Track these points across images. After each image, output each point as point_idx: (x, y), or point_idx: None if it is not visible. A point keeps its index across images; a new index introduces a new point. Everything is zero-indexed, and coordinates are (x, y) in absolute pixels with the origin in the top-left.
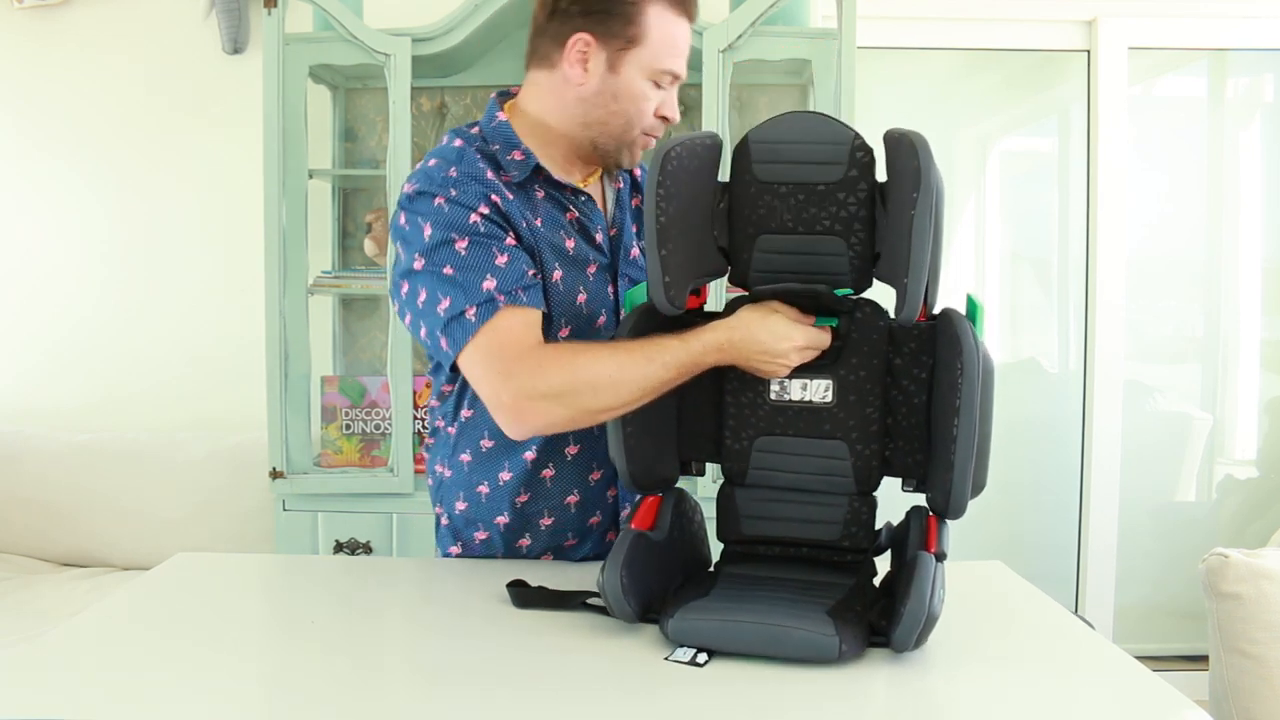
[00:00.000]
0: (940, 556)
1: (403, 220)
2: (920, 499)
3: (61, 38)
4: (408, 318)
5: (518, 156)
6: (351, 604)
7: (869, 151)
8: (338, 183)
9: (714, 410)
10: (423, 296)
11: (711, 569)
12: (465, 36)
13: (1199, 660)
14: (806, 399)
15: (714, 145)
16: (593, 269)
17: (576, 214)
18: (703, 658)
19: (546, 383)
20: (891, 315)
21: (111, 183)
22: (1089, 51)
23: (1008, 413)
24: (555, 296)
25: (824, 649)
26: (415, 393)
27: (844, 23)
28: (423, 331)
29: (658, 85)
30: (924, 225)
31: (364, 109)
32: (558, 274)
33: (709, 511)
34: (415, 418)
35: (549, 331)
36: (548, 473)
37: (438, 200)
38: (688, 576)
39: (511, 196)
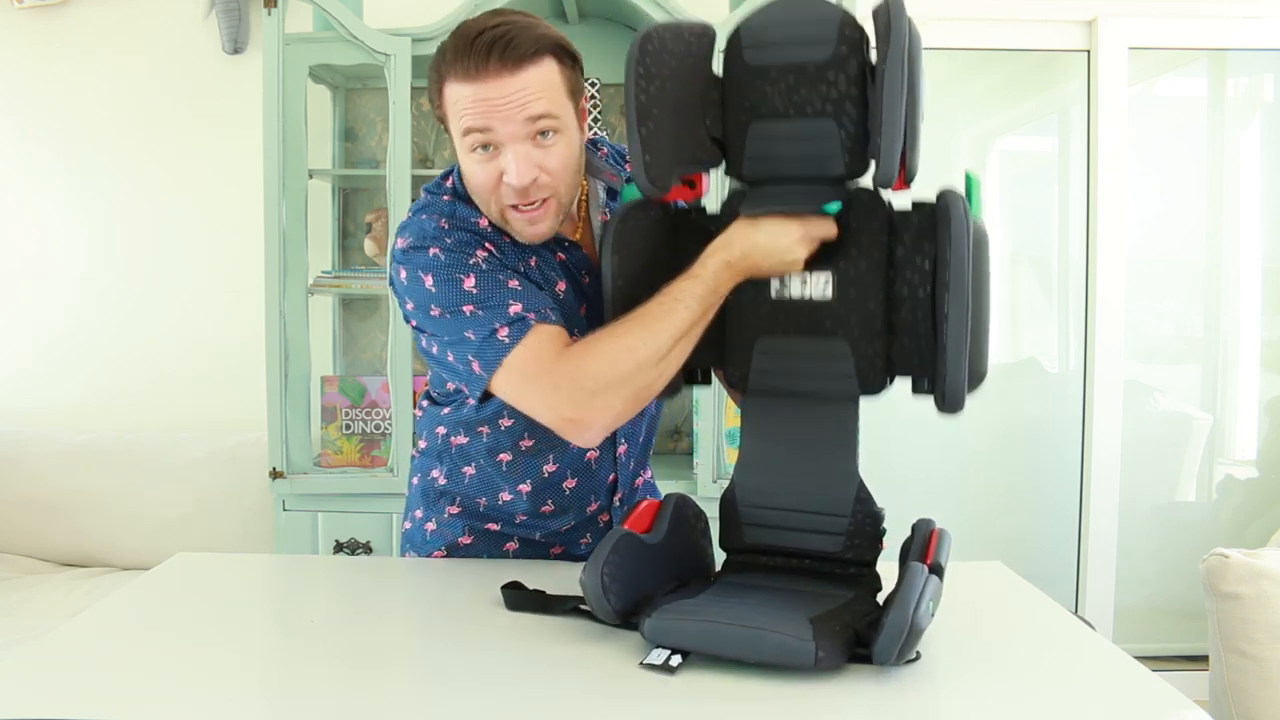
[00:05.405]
0: (936, 569)
1: (402, 275)
2: (926, 511)
3: (61, 38)
4: (435, 348)
5: (483, 224)
6: (351, 604)
7: (859, 28)
8: (338, 183)
9: (718, 313)
10: (448, 337)
11: (712, 578)
12: None
13: (1199, 660)
14: (806, 295)
15: (704, 33)
16: (584, 310)
17: (565, 258)
18: (676, 660)
19: (594, 379)
20: (888, 202)
21: (112, 183)
22: (1089, 51)
23: (1008, 413)
24: None
25: (799, 655)
26: (415, 393)
27: None
28: (450, 357)
29: (481, 151)
30: (895, 77)
31: (364, 109)
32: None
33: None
34: (415, 418)
35: None
36: (547, 508)
37: (433, 251)
38: (683, 582)
39: (507, 240)
